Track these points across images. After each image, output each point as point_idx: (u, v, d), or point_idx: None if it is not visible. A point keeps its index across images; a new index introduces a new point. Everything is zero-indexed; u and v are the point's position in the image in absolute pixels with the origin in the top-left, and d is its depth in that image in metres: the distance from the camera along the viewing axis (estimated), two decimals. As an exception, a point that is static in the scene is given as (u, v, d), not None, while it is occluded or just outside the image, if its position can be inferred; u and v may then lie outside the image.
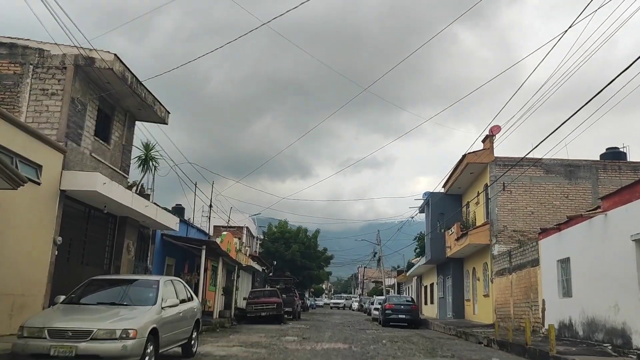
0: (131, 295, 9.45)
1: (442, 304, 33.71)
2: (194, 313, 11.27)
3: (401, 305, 28.35)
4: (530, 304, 18.98)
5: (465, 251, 27.37)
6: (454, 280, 30.34)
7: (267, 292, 29.35)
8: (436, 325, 26.20)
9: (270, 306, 26.83)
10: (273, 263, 51.15)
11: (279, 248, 51.55)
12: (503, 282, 22.55)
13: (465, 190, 30.31)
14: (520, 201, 24.80)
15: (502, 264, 22.78)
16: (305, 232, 54.41)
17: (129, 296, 9.42)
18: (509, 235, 24.50)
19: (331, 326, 26.47)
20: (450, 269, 30.82)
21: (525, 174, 24.37)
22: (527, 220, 24.60)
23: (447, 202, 31.43)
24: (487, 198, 25.85)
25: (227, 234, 30.05)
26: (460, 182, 28.80)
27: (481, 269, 26.22)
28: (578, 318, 14.77)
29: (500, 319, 22.81)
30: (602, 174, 24.89)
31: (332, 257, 55.57)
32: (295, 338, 18.03)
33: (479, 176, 27.07)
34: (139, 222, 17.19)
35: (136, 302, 9.19)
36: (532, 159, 24.21)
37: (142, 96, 15.70)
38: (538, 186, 24.89)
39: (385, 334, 21.92)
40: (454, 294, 30.13)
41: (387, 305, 28.43)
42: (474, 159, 25.43)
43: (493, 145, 25.64)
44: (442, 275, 33.51)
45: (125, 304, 9.14)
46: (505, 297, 22.17)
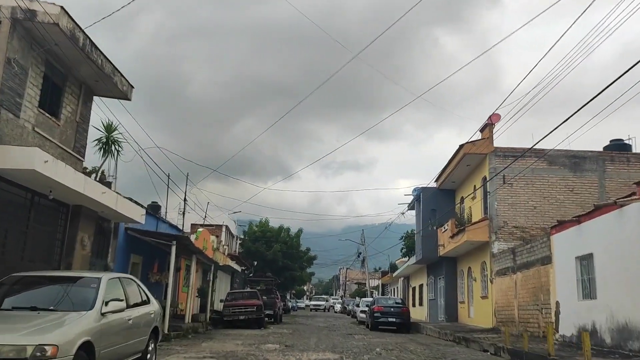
0: (61, 298, 7.16)
1: (433, 306, 31.72)
2: (150, 319, 8.99)
3: (391, 308, 26.27)
4: (540, 307, 17.01)
5: (461, 249, 25.39)
6: (447, 280, 28.36)
7: (247, 294, 27.06)
8: (429, 329, 24.16)
9: (250, 309, 24.55)
10: (253, 263, 48.78)
11: (259, 248, 49.22)
12: (505, 283, 20.58)
13: (459, 185, 28.36)
14: (522, 195, 22.89)
15: (504, 263, 20.82)
16: (288, 232, 52.13)
17: (58, 299, 7.13)
18: (509, 232, 22.56)
19: (316, 330, 24.29)
20: (442, 269, 28.84)
21: (527, 165, 22.47)
22: (529, 216, 22.70)
23: (439, 197, 29.46)
24: (486, 192, 23.90)
25: (203, 230, 27.68)
26: (455, 175, 26.83)
27: (478, 268, 24.25)
28: (605, 323, 12.78)
29: (502, 323, 20.83)
30: (610, 166, 23.10)
31: (315, 258, 53.34)
32: (276, 346, 15.80)
33: (476, 169, 25.12)
34: (96, 213, 14.80)
35: (66, 307, 6.92)
36: (535, 149, 22.34)
37: (98, 63, 13.33)
38: (541, 179, 23.01)
39: (376, 340, 19.81)
40: (447, 296, 28.14)
41: (375, 307, 26.34)
42: (471, 150, 23.46)
43: (492, 134, 23.71)
44: (433, 275, 31.53)
45: (52, 308, 6.85)
46: (508, 299, 20.20)
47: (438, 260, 29.25)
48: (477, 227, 22.81)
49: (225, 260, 30.07)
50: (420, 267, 34.80)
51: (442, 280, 29.39)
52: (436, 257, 28.92)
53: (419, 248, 30.58)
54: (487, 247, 22.89)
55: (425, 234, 29.42)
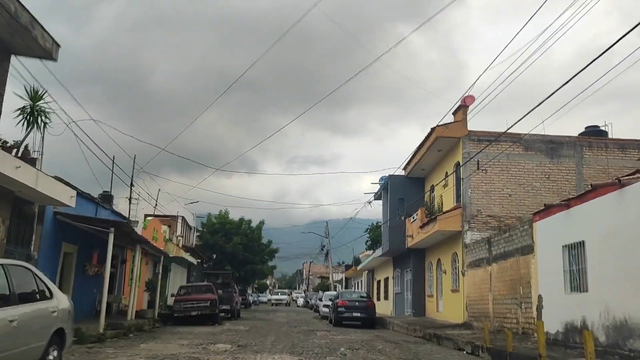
0: None
1: (399, 300, 30.24)
2: (51, 320, 6.94)
3: (356, 302, 24.61)
4: (520, 301, 15.54)
5: (431, 240, 23.89)
6: (414, 273, 26.86)
7: (200, 288, 24.96)
8: (396, 324, 22.60)
9: (203, 304, 22.47)
10: (212, 256, 46.49)
11: (218, 240, 46.90)
12: (479, 275, 19.12)
13: (429, 173, 26.85)
14: (497, 182, 21.49)
15: (478, 254, 19.35)
16: (249, 224, 49.92)
17: None
18: (483, 221, 21.14)
19: (275, 327, 22.42)
20: (410, 261, 27.33)
21: (502, 151, 21.06)
22: (505, 204, 21.32)
23: (408, 186, 27.92)
24: (458, 179, 22.43)
25: (152, 219, 25.46)
26: (425, 162, 25.28)
27: (449, 260, 22.78)
28: (598, 319, 11.30)
29: (474, 318, 19.39)
30: (587, 152, 21.92)
31: (277, 251, 51.30)
32: (228, 346, 13.86)
33: (448, 154, 23.61)
34: (12, 193, 12.54)
35: None
36: (511, 134, 20.99)
37: (10, 10, 11.07)
38: (516, 165, 21.65)
39: (340, 337, 18.07)
40: (414, 289, 26.65)
41: (339, 302, 24.63)
42: (444, 133, 21.91)
43: (466, 117, 22.22)
44: (400, 268, 30.04)
45: None
46: (482, 292, 18.74)
47: (405, 252, 27.74)
48: (449, 216, 21.30)
49: (179, 252, 27.87)
50: (386, 260, 33.29)
51: (409, 273, 27.90)
52: (404, 249, 27.40)
53: (386, 239, 29.02)
54: (459, 237, 21.43)
55: (392, 224, 27.85)
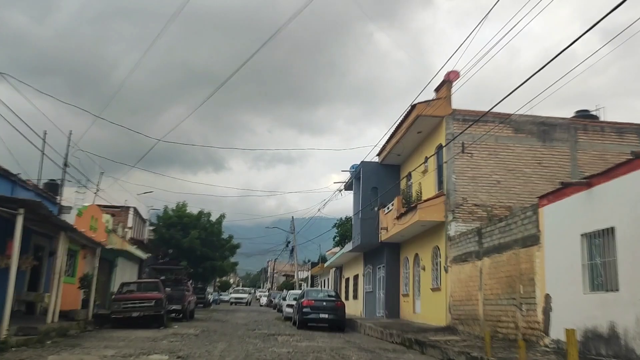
0: None
1: (370, 299, 27.69)
2: None
3: (323, 302, 21.90)
4: (519, 302, 13.08)
5: (408, 233, 21.38)
6: (388, 270, 24.33)
7: (144, 285, 21.83)
8: (368, 327, 19.95)
9: (146, 303, 19.39)
10: (168, 252, 43.12)
11: (175, 235, 43.53)
12: (465, 271, 16.66)
13: (406, 159, 24.34)
14: (484, 167, 19.10)
15: (465, 247, 16.89)
16: (208, 217, 46.65)
17: None
18: (469, 211, 18.71)
19: (231, 330, 19.55)
20: (383, 257, 24.79)
21: (489, 132, 18.69)
22: (493, 192, 18.95)
23: (382, 174, 25.38)
24: (440, 163, 19.98)
25: (90, 206, 22.17)
26: (402, 146, 22.74)
27: (429, 255, 20.29)
28: (634, 326, 8.87)
29: (459, 321, 16.93)
30: (582, 135, 19.75)
31: (238, 246, 48.13)
32: (164, 358, 10.97)
33: (429, 136, 21.12)
34: None
35: None
36: (500, 114, 18.68)
37: None
38: (505, 148, 19.32)
39: (305, 343, 15.33)
40: (388, 288, 24.12)
41: (305, 301, 21.88)
42: (425, 111, 19.40)
43: (450, 94, 19.77)
44: (372, 264, 27.48)
45: None
46: (469, 291, 16.28)
47: (378, 246, 25.18)
48: (431, 205, 18.79)
49: (124, 245, 24.64)
50: (356, 256, 30.70)
51: (382, 270, 25.36)
52: (376, 243, 24.84)
53: (357, 232, 26.40)
54: (441, 229, 18.96)
55: (364, 216, 25.25)
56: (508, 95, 11.38)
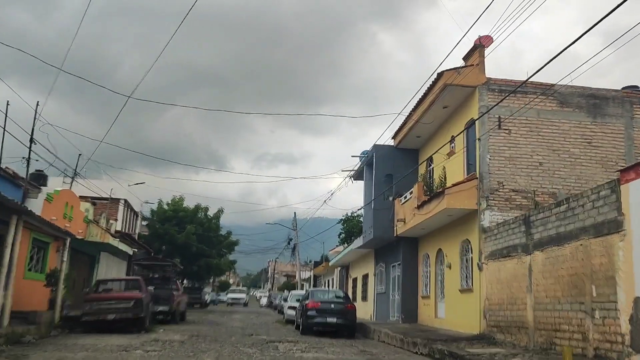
0: None
1: (382, 301, 24.73)
2: None
3: (331, 304, 18.99)
4: (590, 307, 10.14)
5: (431, 224, 18.43)
6: (404, 269, 21.38)
7: (126, 283, 18.92)
8: (384, 334, 16.98)
9: (124, 304, 16.47)
10: (162, 248, 40.25)
11: (170, 230, 40.62)
12: (508, 269, 13.72)
13: (427, 141, 21.39)
14: (523, 146, 16.16)
15: (506, 239, 13.95)
16: (206, 212, 43.75)
17: None
18: (506, 197, 15.76)
19: (224, 335, 16.67)
20: (399, 253, 21.84)
21: (530, 105, 15.76)
22: (534, 175, 16.00)
23: (398, 159, 22.42)
24: (471, 143, 17.06)
25: (63, 191, 19.29)
26: (423, 125, 19.79)
27: (456, 250, 17.34)
28: None
29: (498, 328, 14.00)
30: (638, 111, 16.81)
31: (236, 243, 45.14)
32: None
33: (456, 111, 18.17)
34: None
35: None
36: (542, 84, 15.83)
37: None
38: (549, 125, 16.39)
39: (311, 354, 12.43)
40: (404, 289, 21.16)
41: (310, 303, 18.97)
42: (454, 79, 16.46)
43: (484, 60, 16.85)
44: (384, 262, 24.53)
45: None
46: (512, 293, 13.34)
47: (393, 241, 22.23)
48: (461, 190, 15.83)
49: (105, 237, 21.71)
50: (366, 253, 27.74)
51: (397, 269, 22.43)
52: (391, 238, 21.88)
53: (369, 226, 23.40)
54: (473, 218, 16.02)
55: (377, 206, 22.27)
56: (541, 68, 8.81)
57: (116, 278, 20.42)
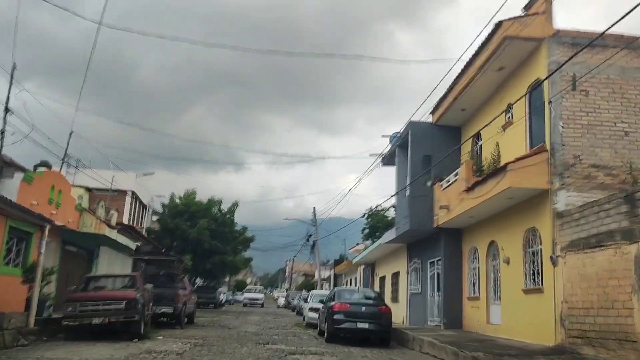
0: None
1: (417, 303, 21.65)
2: None
3: (362, 307, 15.95)
4: None
5: (483, 210, 15.31)
6: (445, 265, 18.28)
7: (117, 280, 16.10)
8: (427, 343, 13.87)
9: (114, 305, 13.65)
10: (172, 244, 37.55)
11: (181, 225, 37.88)
12: (599, 263, 10.58)
13: (473, 114, 18.25)
14: (605, 112, 13.00)
15: (595, 225, 10.82)
16: (219, 206, 40.96)
17: None
18: (584, 175, 12.58)
19: (234, 344, 13.78)
20: (439, 248, 18.74)
21: (611, 61, 12.56)
22: (619, 148, 12.82)
23: (437, 138, 19.32)
24: (534, 109, 13.93)
25: (47, 172, 16.55)
26: (471, 94, 16.66)
27: (518, 241, 14.18)
28: None
29: (583, 340, 10.85)
30: None
31: (252, 239, 42.23)
32: None
33: (514, 73, 15.02)
34: None
35: None
36: (624, 36, 12.67)
37: None
38: (637, 85, 13.20)
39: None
40: (446, 289, 18.05)
41: (337, 305, 15.96)
42: (516, 31, 13.34)
43: (551, 8, 13.70)
44: (419, 258, 21.43)
45: None
46: (606, 294, 10.22)
47: (432, 234, 19.14)
48: (527, 166, 12.71)
49: (100, 227, 18.95)
50: (397, 248, 24.64)
51: (436, 265, 19.33)
52: (430, 229, 18.79)
53: (403, 216, 20.27)
54: (543, 201, 12.88)
55: (414, 193, 19.16)
56: None
57: (109, 274, 17.63)
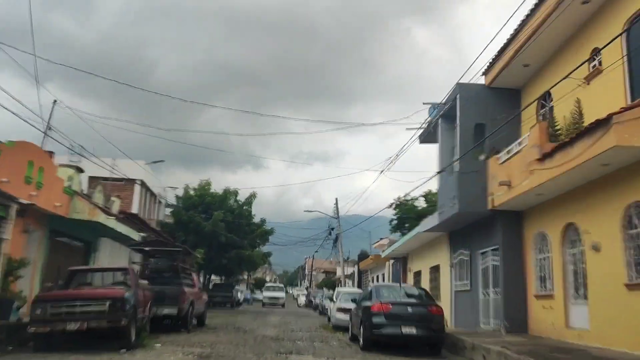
0: None
1: (464, 302, 18.44)
2: None
3: (407, 307, 12.82)
4: None
5: (559, 185, 12.04)
6: (505, 256, 15.04)
7: (107, 275, 13.19)
8: (495, 354, 10.67)
9: (94, 307, 10.70)
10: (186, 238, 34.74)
11: (195, 217, 35.11)
12: None
13: (540, 70, 14.94)
14: None
15: None
16: (236, 196, 38.10)
17: None
18: None
19: (250, 352, 10.84)
20: (496, 234, 15.49)
21: None
22: None
23: (491, 102, 16.08)
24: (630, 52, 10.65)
25: (21, 143, 13.71)
26: (541, 40, 13.38)
27: (613, 221, 10.90)
28: None
29: None
30: None
31: (271, 232, 39.26)
32: None
33: (606, 7, 11.75)
34: None
35: None
36: None
37: None
38: None
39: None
40: (506, 284, 14.82)
41: (375, 305, 12.85)
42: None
43: None
44: (467, 248, 18.20)
45: None
46: None
47: (485, 218, 15.93)
48: (636, 117, 9.45)
49: (94, 213, 16.07)
50: (435, 238, 21.43)
51: (491, 256, 16.10)
52: (483, 212, 15.56)
53: (450, 197, 16.95)
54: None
55: (464, 169, 15.91)
56: None
57: (97, 267, 14.60)
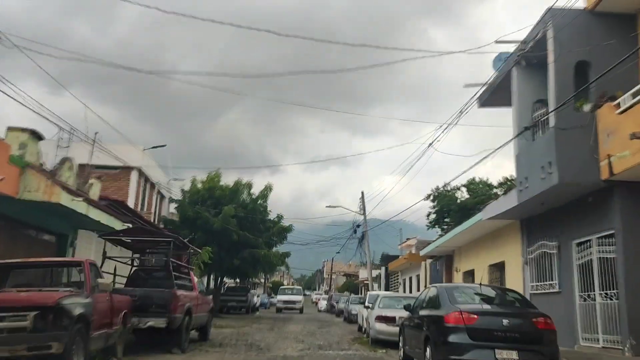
0: None
1: (553, 310, 13.85)
2: None
3: (502, 318, 8.37)
4: None
5: None
6: (629, 246, 10.54)
7: (55, 272, 8.98)
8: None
9: (10, 322, 6.48)
10: (193, 236, 30.49)
11: (202, 212, 30.81)
12: None
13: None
14: None
15: None
16: (249, 190, 33.72)
17: None
18: None
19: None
20: (611, 216, 11.00)
21: None
22: None
23: (596, 33, 11.63)
24: None
25: None
26: None
27: None
28: None
29: None
30: None
31: (289, 229, 34.82)
32: None
33: None
34: None
35: None
36: None
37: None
38: None
39: None
40: (631, 286, 10.34)
41: (451, 316, 8.41)
42: None
43: None
44: (554, 238, 13.63)
45: None
46: None
47: (590, 192, 11.46)
48: None
49: (52, 193, 11.87)
50: (498, 228, 16.90)
51: (596, 247, 11.59)
52: (594, 183, 11.08)
53: (541, 165, 12.24)
54: None
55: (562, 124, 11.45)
56: None
57: (40, 260, 10.10)
